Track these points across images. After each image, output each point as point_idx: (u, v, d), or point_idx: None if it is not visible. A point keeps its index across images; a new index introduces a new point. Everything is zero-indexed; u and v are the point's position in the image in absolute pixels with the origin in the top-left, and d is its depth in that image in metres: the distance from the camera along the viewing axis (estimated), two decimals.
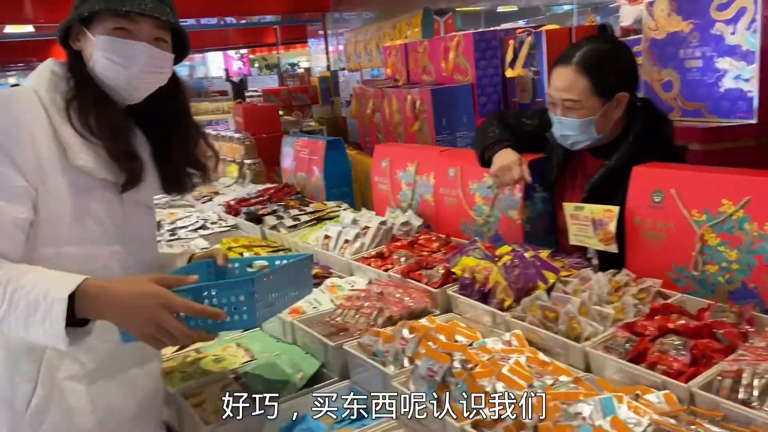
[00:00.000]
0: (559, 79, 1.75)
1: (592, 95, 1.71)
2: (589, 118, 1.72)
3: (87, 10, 1.29)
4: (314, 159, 2.96)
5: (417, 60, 3.90)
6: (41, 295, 1.13)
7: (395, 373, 1.40)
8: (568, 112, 1.74)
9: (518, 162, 1.82)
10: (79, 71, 1.32)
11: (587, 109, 1.72)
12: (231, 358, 1.76)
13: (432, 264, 1.86)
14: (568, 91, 1.72)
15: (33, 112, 1.26)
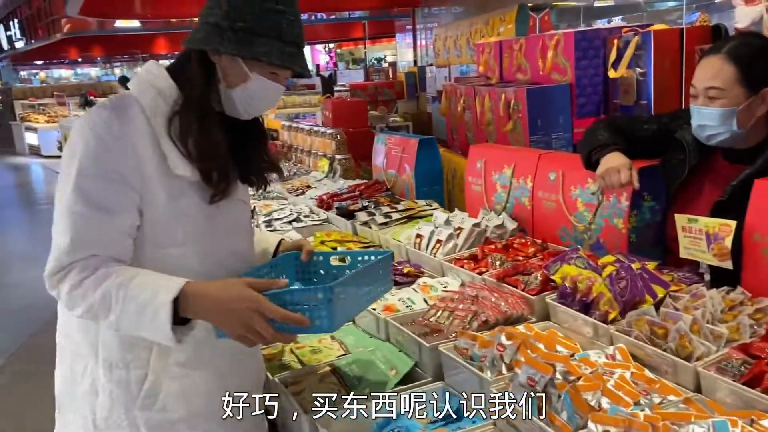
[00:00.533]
0: (705, 69, 1.71)
1: (737, 85, 1.65)
2: (731, 108, 1.66)
3: (264, 56, 1.31)
4: (405, 157, 2.97)
5: (512, 58, 3.83)
6: (149, 299, 1.24)
7: (493, 379, 1.39)
8: (709, 102, 1.68)
9: (627, 166, 1.76)
10: (192, 87, 1.35)
11: (730, 99, 1.66)
12: (327, 350, 1.81)
13: (529, 270, 1.82)
14: (713, 79, 1.67)
15: (136, 123, 1.31)
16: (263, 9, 1.31)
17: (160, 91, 1.34)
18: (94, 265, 1.27)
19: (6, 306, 5.45)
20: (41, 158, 14.67)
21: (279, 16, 1.32)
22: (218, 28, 1.31)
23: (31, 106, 16.01)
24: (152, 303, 1.24)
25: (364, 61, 13.79)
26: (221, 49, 1.31)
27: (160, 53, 19.36)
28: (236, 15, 1.30)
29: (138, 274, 1.29)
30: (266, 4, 1.31)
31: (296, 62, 1.36)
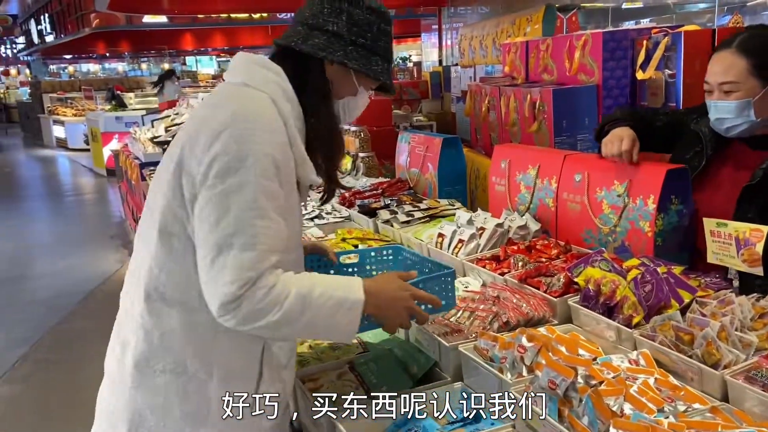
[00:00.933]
0: (717, 64, 1.75)
1: (751, 76, 1.70)
2: (747, 99, 1.70)
3: (380, 76, 1.39)
4: (429, 156, 2.96)
5: (538, 58, 3.79)
6: (343, 297, 1.29)
7: (513, 381, 1.37)
8: (725, 96, 1.73)
9: (631, 137, 1.83)
10: (321, 97, 1.38)
11: (745, 91, 1.70)
12: (345, 347, 1.80)
13: (552, 271, 1.80)
14: (726, 73, 1.72)
15: (279, 125, 1.29)
16: (380, 29, 1.37)
17: (288, 96, 1.33)
18: (277, 272, 1.24)
19: (31, 297, 5.55)
20: (68, 151, 14.94)
21: (387, 38, 1.40)
22: (340, 38, 1.34)
23: (60, 100, 16.29)
24: (346, 301, 1.29)
25: None
26: (348, 62, 1.34)
27: (186, 49, 19.56)
28: (358, 30, 1.35)
29: (312, 275, 1.35)
30: (382, 25, 1.37)
31: (391, 80, 1.46)
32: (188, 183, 1.26)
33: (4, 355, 4.31)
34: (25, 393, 3.84)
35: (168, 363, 1.30)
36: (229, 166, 1.21)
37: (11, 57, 28.50)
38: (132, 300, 1.36)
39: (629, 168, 1.90)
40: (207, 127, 1.26)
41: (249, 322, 1.22)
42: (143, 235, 1.36)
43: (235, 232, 1.20)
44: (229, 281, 1.19)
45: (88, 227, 8.08)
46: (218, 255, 1.20)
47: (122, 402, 1.33)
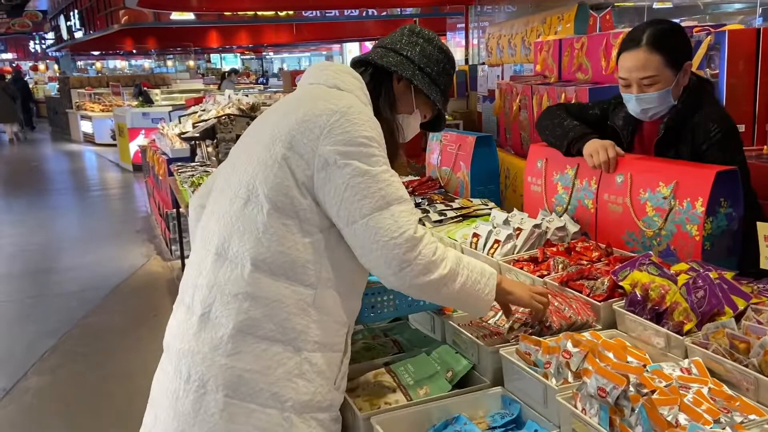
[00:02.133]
0: (632, 61, 1.94)
1: (666, 68, 1.91)
2: (667, 89, 1.93)
3: (437, 102, 1.58)
4: (462, 154, 2.91)
5: (572, 56, 3.73)
6: (482, 268, 1.48)
7: (560, 387, 1.32)
8: (646, 89, 1.94)
9: (612, 144, 2.04)
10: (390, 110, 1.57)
11: (663, 82, 1.93)
12: (380, 348, 1.77)
13: (595, 275, 1.75)
14: (645, 69, 1.92)
15: (376, 121, 1.44)
16: (444, 69, 1.60)
17: (369, 101, 1.52)
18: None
19: (59, 289, 5.61)
20: (95, 146, 15.13)
21: (449, 78, 1.62)
22: (411, 62, 1.56)
23: (87, 95, 16.51)
24: (485, 270, 1.47)
25: None
26: (413, 80, 1.55)
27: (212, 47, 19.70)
28: (428, 62, 1.57)
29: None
30: (447, 67, 1.61)
31: (445, 112, 1.67)
32: (300, 166, 1.38)
33: (33, 347, 4.36)
34: (54, 384, 3.86)
35: (270, 329, 1.37)
36: (351, 149, 1.36)
37: (40, 53, 28.98)
38: (224, 276, 1.41)
39: (676, 169, 1.84)
40: (318, 118, 1.38)
41: (425, 273, 1.35)
42: (231, 214, 1.43)
43: (384, 193, 1.35)
44: (404, 228, 1.34)
45: (115, 222, 8.15)
46: (381, 215, 1.34)
47: (216, 369, 1.37)
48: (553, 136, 2.21)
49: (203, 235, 1.49)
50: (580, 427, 1.23)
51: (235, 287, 1.38)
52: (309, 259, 1.38)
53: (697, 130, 1.95)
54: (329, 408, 1.43)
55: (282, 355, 1.37)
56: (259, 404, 1.35)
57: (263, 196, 1.39)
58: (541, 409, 1.38)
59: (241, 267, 1.38)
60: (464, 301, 1.46)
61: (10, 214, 8.76)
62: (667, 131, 2.01)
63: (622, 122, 2.15)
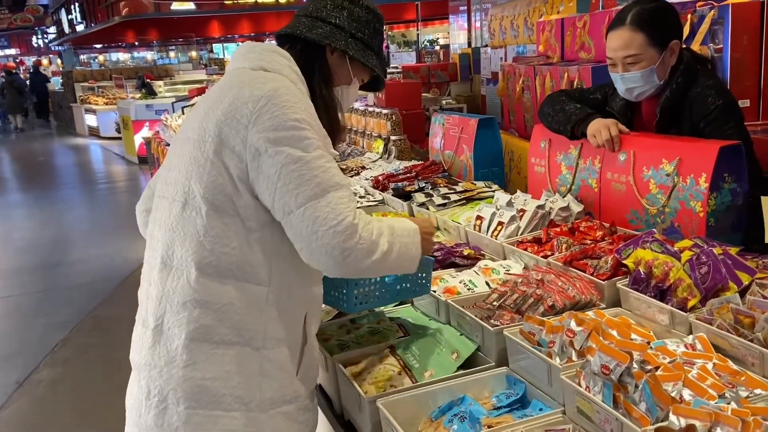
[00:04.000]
0: (617, 41, 1.97)
1: (650, 47, 1.92)
2: (650, 67, 1.94)
3: (374, 67, 1.53)
4: (464, 137, 2.90)
5: (574, 36, 3.69)
6: (408, 227, 1.45)
7: (564, 366, 1.33)
8: (630, 68, 1.95)
9: (614, 122, 2.02)
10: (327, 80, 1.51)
11: (647, 60, 1.93)
12: (386, 331, 1.77)
13: (598, 254, 1.74)
14: (628, 48, 1.93)
15: (306, 101, 1.40)
16: (375, 29, 1.54)
17: (300, 79, 1.45)
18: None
19: (68, 282, 5.66)
20: (100, 139, 15.17)
21: (380, 37, 1.57)
22: (341, 30, 1.49)
23: (91, 89, 16.52)
24: (410, 229, 1.45)
25: (417, 44, 13.65)
26: (348, 50, 1.48)
27: (213, 36, 19.64)
28: (357, 26, 1.50)
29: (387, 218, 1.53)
30: (377, 26, 1.54)
31: (385, 76, 1.60)
32: (233, 161, 1.32)
33: (45, 339, 4.41)
34: (66, 376, 3.91)
35: (225, 334, 1.34)
36: (281, 134, 1.29)
37: (43, 47, 28.99)
38: (171, 286, 1.36)
39: (679, 145, 1.82)
40: (244, 106, 1.32)
41: (368, 255, 1.31)
42: (172, 225, 1.38)
43: (320, 180, 1.29)
44: (342, 216, 1.28)
45: (122, 214, 8.18)
46: (318, 203, 1.28)
47: (174, 382, 1.34)
48: (557, 122, 2.20)
49: (150, 243, 1.45)
50: (584, 404, 1.24)
51: (182, 296, 1.34)
52: (257, 256, 1.34)
53: (695, 107, 1.94)
54: (295, 399, 1.43)
55: (240, 358, 1.35)
56: (223, 410, 1.34)
57: (200, 197, 1.33)
58: (546, 388, 1.38)
59: (187, 274, 1.34)
60: (400, 266, 1.43)
61: (20, 208, 8.83)
62: (663, 113, 1.99)
63: (619, 107, 2.15)
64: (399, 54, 13.44)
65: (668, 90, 1.98)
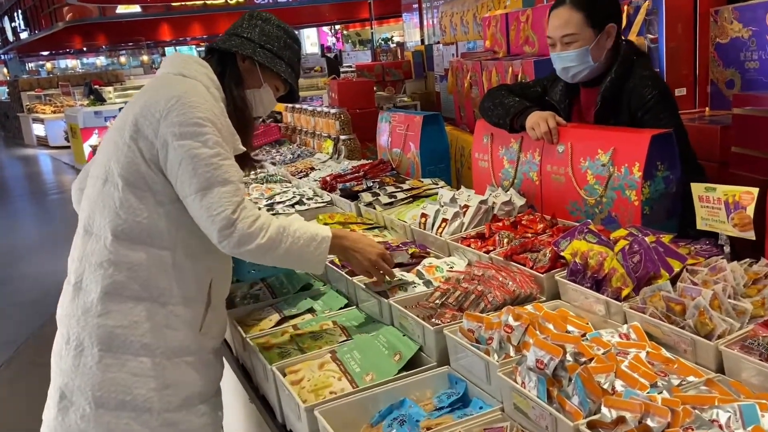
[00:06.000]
0: (556, 20, 2.01)
1: (586, 27, 1.97)
2: (585, 47, 1.98)
3: (282, 72, 1.74)
4: (410, 134, 2.88)
5: (518, 30, 3.71)
6: (314, 233, 1.63)
7: (501, 363, 1.31)
8: (566, 47, 2.00)
9: (552, 114, 2.03)
10: (237, 84, 1.73)
11: (583, 41, 1.98)
12: (328, 336, 1.74)
13: (538, 247, 1.74)
14: (565, 27, 1.98)
15: (213, 103, 1.60)
16: (286, 43, 1.76)
17: (215, 84, 1.67)
18: (252, 204, 1.56)
19: (14, 299, 5.46)
20: (49, 149, 14.71)
21: (294, 53, 1.79)
22: (251, 42, 1.72)
23: (38, 97, 16.00)
24: (317, 236, 1.62)
25: (371, 42, 13.62)
26: (255, 56, 1.71)
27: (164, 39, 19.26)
28: (267, 39, 1.74)
29: (291, 218, 1.76)
30: (288, 41, 1.77)
31: (296, 84, 1.81)
32: (146, 146, 1.54)
33: None
34: (11, 397, 3.76)
35: (135, 289, 1.57)
36: (185, 130, 1.51)
37: None
38: (90, 249, 1.59)
39: (613, 136, 1.84)
40: (159, 103, 1.54)
41: (243, 244, 1.51)
42: (94, 198, 1.61)
43: (211, 174, 1.50)
44: (222, 209, 1.49)
45: (73, 225, 7.94)
46: (206, 194, 1.50)
47: (89, 329, 1.55)
48: (496, 115, 2.21)
49: (81, 215, 1.68)
50: (521, 401, 1.22)
51: (99, 257, 1.56)
52: (164, 225, 1.57)
53: (632, 98, 1.97)
54: (198, 351, 1.64)
55: (149, 311, 1.57)
56: (131, 354, 1.55)
57: (117, 174, 1.56)
58: (485, 386, 1.37)
59: (104, 239, 1.56)
60: (296, 262, 1.65)
61: None
62: (604, 102, 2.01)
63: (558, 96, 2.17)
64: (354, 53, 13.40)
65: (607, 80, 2.00)
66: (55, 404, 1.60)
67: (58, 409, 1.60)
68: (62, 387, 1.59)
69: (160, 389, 1.57)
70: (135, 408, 1.55)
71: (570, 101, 2.15)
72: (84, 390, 1.55)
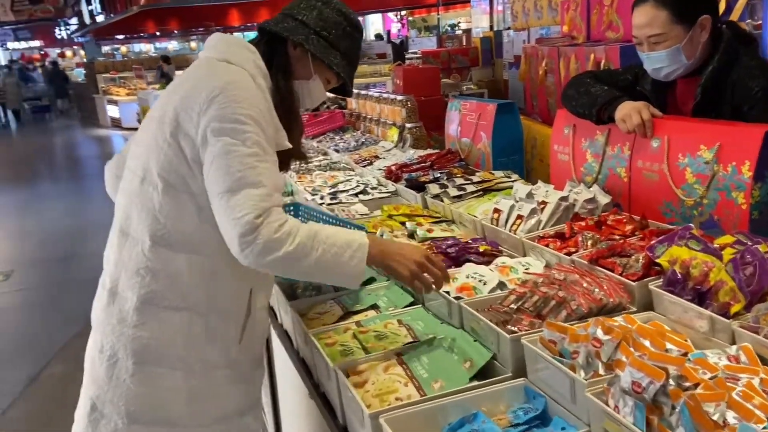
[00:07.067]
0: (640, 17, 1.84)
1: (675, 24, 1.79)
2: (676, 46, 1.81)
3: (334, 66, 1.56)
4: (482, 124, 2.73)
5: (601, 14, 3.48)
6: (349, 240, 1.42)
7: (589, 381, 1.17)
8: (655, 47, 1.83)
9: (646, 105, 1.86)
10: (286, 73, 1.57)
11: (672, 39, 1.81)
12: (393, 336, 1.63)
13: (628, 251, 1.58)
14: (650, 26, 1.81)
15: (260, 96, 1.46)
16: (345, 31, 1.58)
17: (263, 73, 1.52)
18: (283, 210, 1.41)
19: (83, 275, 5.62)
20: (122, 130, 15.23)
21: (353, 42, 1.60)
22: (306, 26, 1.54)
23: (112, 80, 16.57)
24: (353, 243, 1.42)
25: (437, 28, 13.39)
26: (306, 44, 1.53)
27: (233, 25, 19.57)
28: (325, 25, 1.55)
29: (320, 225, 1.50)
30: (349, 29, 1.58)
31: (351, 80, 1.63)
32: (188, 144, 1.42)
33: (58, 333, 4.37)
34: (78, 371, 3.85)
35: (173, 299, 1.48)
36: (225, 126, 1.38)
37: (66, 39, 29.23)
38: (127, 253, 1.50)
39: (719, 130, 1.65)
40: (199, 95, 1.41)
41: (267, 253, 1.33)
42: (132, 196, 1.51)
43: (242, 175, 1.36)
44: (246, 212, 1.33)
45: None
46: (233, 196, 1.35)
47: (124, 339, 1.48)
48: (580, 105, 2.04)
49: (116, 212, 1.59)
50: (613, 427, 1.09)
51: (136, 263, 1.47)
52: (206, 232, 1.44)
53: (736, 90, 1.77)
54: (236, 364, 1.56)
55: (186, 322, 1.48)
56: (167, 368, 1.48)
57: (156, 174, 1.45)
58: (569, 405, 1.23)
59: (142, 243, 1.47)
60: (328, 274, 1.44)
61: (40, 200, 8.87)
62: (704, 94, 1.82)
63: (651, 85, 1.99)
64: (419, 39, 13.21)
65: (709, 70, 1.83)
66: (86, 416, 1.55)
67: (88, 421, 1.54)
68: (93, 398, 1.54)
69: (196, 404, 1.51)
70: (169, 423, 1.50)
71: (665, 92, 1.95)
72: (116, 403, 1.49)
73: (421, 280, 1.49)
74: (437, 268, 1.49)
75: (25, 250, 6.56)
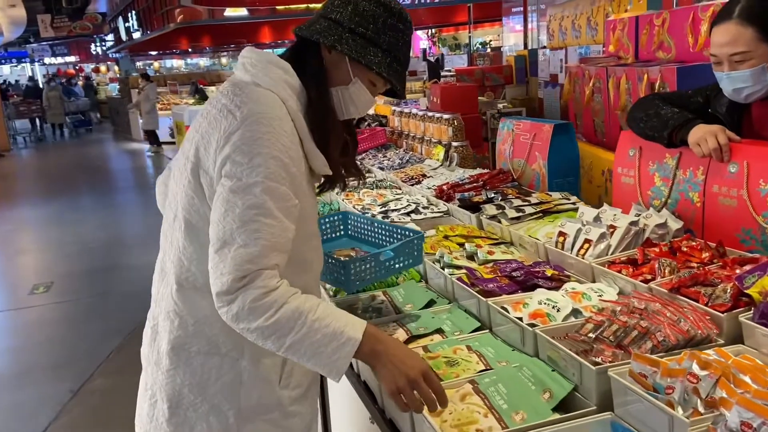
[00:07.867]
0: (722, 36, 1.77)
1: (760, 43, 1.73)
2: (762, 65, 1.74)
3: (374, 66, 1.37)
4: (537, 144, 2.69)
5: (651, 35, 3.43)
6: (339, 330, 1.25)
7: (691, 420, 1.12)
8: (737, 66, 1.77)
9: (721, 128, 1.80)
10: (318, 86, 1.40)
11: (757, 58, 1.74)
12: (464, 362, 1.59)
13: (712, 280, 1.52)
14: (734, 45, 1.74)
15: (288, 126, 1.33)
16: (386, 24, 1.37)
17: (295, 90, 1.37)
18: (277, 276, 1.26)
19: (124, 288, 5.67)
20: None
21: (398, 35, 1.39)
22: (340, 26, 1.36)
23: None
24: (341, 335, 1.25)
25: (468, 46, 13.41)
26: (338, 46, 1.35)
27: (264, 42, 19.85)
28: (361, 20, 1.36)
29: (321, 303, 1.30)
30: (390, 20, 1.38)
31: (399, 79, 1.42)
32: (207, 182, 1.32)
33: (99, 347, 4.40)
34: (120, 385, 3.87)
35: (203, 345, 1.40)
36: (238, 166, 1.26)
37: (101, 54, 29.92)
38: (162, 292, 1.44)
39: None
40: (218, 129, 1.30)
41: (240, 320, 1.23)
42: (167, 231, 1.45)
43: (238, 227, 1.24)
44: (227, 272, 1.22)
45: None
46: (221, 248, 1.24)
47: (160, 382, 1.43)
48: (650, 128, 1.98)
49: (161, 240, 1.50)
50: None
51: (167, 305, 1.40)
52: None
53: None
54: (278, 406, 1.44)
55: (220, 368, 1.39)
56: (200, 415, 1.39)
57: (180, 214, 1.37)
58: None
59: (170, 285, 1.40)
60: (304, 361, 1.27)
61: (77, 212, 9.01)
62: None
63: (725, 108, 1.92)
64: (450, 57, 13.23)
65: None
66: None
67: None
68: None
69: None
70: None
71: (740, 115, 1.89)
72: None
73: (408, 398, 1.28)
74: (433, 390, 1.29)
75: (60, 263, 6.65)
